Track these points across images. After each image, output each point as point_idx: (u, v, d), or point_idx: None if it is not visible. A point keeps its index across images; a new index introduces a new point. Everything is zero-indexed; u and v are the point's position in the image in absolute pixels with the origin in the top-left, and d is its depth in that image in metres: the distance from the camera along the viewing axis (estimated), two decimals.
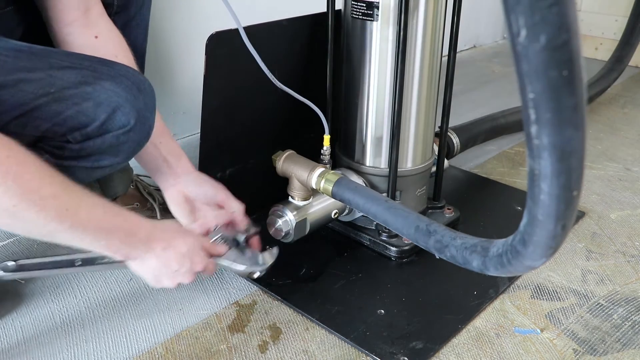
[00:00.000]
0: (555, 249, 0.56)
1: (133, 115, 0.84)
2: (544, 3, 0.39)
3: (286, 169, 1.08)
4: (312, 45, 1.21)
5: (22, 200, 0.67)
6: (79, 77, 0.81)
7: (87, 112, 0.81)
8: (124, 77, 0.84)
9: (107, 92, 0.82)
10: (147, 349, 0.94)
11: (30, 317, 1.00)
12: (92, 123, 0.81)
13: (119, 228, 0.79)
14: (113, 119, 0.82)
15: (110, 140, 0.84)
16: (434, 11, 1.05)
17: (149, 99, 0.87)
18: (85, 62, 0.84)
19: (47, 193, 0.70)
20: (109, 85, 0.82)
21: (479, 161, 1.62)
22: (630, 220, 1.34)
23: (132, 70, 0.87)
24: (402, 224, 0.85)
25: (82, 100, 0.80)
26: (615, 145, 1.76)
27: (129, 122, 0.84)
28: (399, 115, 1.08)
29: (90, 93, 0.81)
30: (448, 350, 0.95)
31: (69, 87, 0.80)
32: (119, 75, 0.84)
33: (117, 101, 0.82)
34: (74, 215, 0.72)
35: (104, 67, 0.84)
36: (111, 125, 0.82)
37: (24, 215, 0.68)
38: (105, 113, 0.81)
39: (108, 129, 0.83)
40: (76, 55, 0.86)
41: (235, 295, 1.07)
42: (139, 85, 0.86)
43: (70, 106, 0.80)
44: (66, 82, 0.80)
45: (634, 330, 1.00)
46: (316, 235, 1.18)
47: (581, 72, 0.42)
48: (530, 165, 0.49)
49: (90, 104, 0.80)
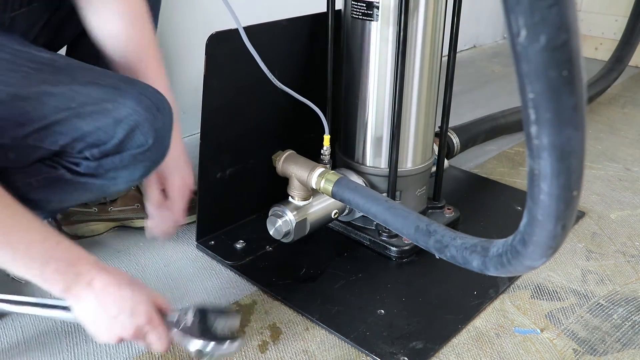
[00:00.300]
0: (555, 249, 0.56)
1: (151, 135, 0.83)
2: (544, 3, 0.39)
3: (286, 169, 1.08)
4: (312, 45, 1.21)
5: None
6: (100, 93, 0.81)
7: (106, 129, 0.80)
8: (145, 96, 0.83)
9: (127, 110, 0.81)
10: (147, 349, 0.94)
11: (30, 317, 1.00)
12: (110, 140, 0.80)
13: (57, 258, 0.72)
14: (132, 138, 0.81)
15: (128, 158, 0.83)
16: (434, 11, 1.05)
17: (168, 119, 0.86)
18: (108, 79, 0.83)
19: None
20: (129, 103, 0.81)
21: (479, 161, 1.62)
22: (630, 220, 1.34)
23: (152, 88, 0.86)
24: (402, 224, 0.85)
25: (102, 116, 0.79)
26: (615, 145, 1.76)
27: (147, 141, 0.83)
28: (399, 115, 1.08)
29: (111, 110, 0.80)
30: (448, 350, 0.95)
31: (90, 102, 0.80)
32: (140, 94, 0.83)
33: (136, 120, 0.81)
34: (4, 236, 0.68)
35: (126, 85, 0.84)
36: (129, 144, 0.82)
37: None
38: (124, 131, 0.81)
39: (126, 147, 0.82)
40: (99, 72, 0.86)
41: (235, 295, 1.07)
42: (158, 104, 0.85)
43: (89, 122, 0.79)
44: (88, 97, 0.80)
45: (634, 330, 1.00)
46: (316, 235, 1.18)
47: (581, 72, 0.42)
48: (530, 165, 0.49)
49: (110, 121, 0.80)
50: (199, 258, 1.17)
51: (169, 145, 0.88)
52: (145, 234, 1.07)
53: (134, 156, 0.83)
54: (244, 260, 1.14)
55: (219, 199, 1.18)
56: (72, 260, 0.74)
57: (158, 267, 1.14)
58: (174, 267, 1.14)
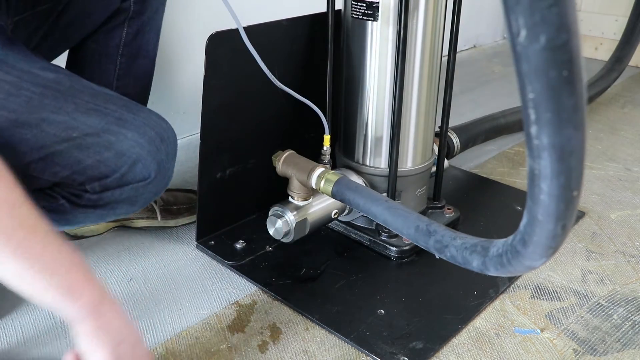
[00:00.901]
0: (555, 249, 0.56)
1: (154, 168, 0.82)
2: (544, 3, 0.39)
3: (286, 169, 1.08)
4: (312, 45, 1.21)
5: None
6: (102, 123, 0.79)
7: (108, 163, 0.79)
8: (148, 126, 0.82)
9: (130, 143, 0.79)
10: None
11: (30, 317, 1.00)
12: (112, 174, 0.79)
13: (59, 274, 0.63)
14: (133, 171, 0.80)
15: (129, 192, 0.82)
16: (434, 11, 1.05)
17: (171, 149, 0.85)
18: (111, 107, 0.81)
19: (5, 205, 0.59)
20: (131, 135, 0.80)
21: (479, 161, 1.62)
22: (630, 220, 1.34)
23: (155, 117, 0.85)
24: (402, 224, 0.85)
25: (104, 149, 0.78)
26: (615, 145, 1.76)
27: (149, 174, 0.82)
28: (399, 115, 1.08)
29: (113, 143, 0.78)
30: (448, 350, 0.95)
31: (91, 133, 0.78)
32: (142, 125, 0.82)
33: (138, 153, 0.80)
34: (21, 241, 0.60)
35: (129, 114, 0.82)
36: (131, 177, 0.81)
37: None
38: (126, 165, 0.80)
39: (128, 180, 0.81)
40: (102, 97, 0.83)
41: (235, 295, 1.07)
42: (162, 135, 0.84)
43: (91, 155, 0.77)
44: (89, 128, 0.78)
45: (634, 330, 1.00)
46: (316, 235, 1.18)
47: (581, 72, 0.42)
48: (530, 165, 0.49)
49: (112, 154, 0.79)
50: (199, 258, 1.17)
51: (171, 175, 0.87)
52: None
53: (135, 189, 0.82)
54: (244, 260, 1.14)
55: (219, 199, 1.18)
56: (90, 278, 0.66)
57: (158, 267, 1.15)
58: (174, 267, 1.14)
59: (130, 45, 1.12)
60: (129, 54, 1.13)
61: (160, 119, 0.86)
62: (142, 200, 0.85)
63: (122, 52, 1.12)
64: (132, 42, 1.12)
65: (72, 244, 0.71)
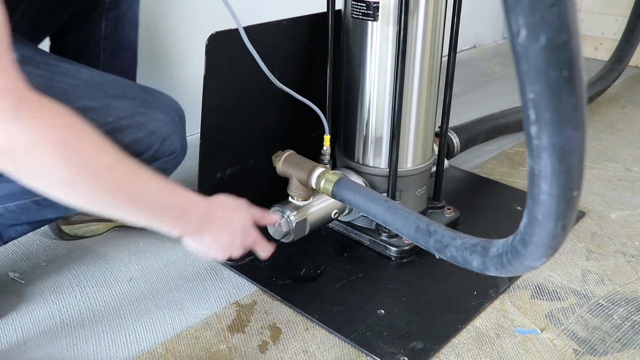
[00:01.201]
0: (555, 249, 0.56)
1: (178, 143, 0.92)
2: (544, 3, 0.39)
3: (286, 169, 1.08)
4: (312, 45, 1.21)
5: (79, 171, 0.65)
6: (132, 106, 0.86)
7: (142, 141, 0.86)
8: (169, 107, 0.92)
9: (158, 122, 0.88)
10: (147, 349, 0.94)
11: (30, 317, 1.00)
12: (147, 152, 0.87)
13: (174, 205, 0.77)
14: (163, 147, 0.89)
15: (159, 165, 0.89)
16: (434, 11, 1.05)
17: (185, 125, 0.96)
18: (132, 91, 0.90)
19: (104, 164, 0.68)
20: (158, 115, 0.88)
21: (479, 161, 1.62)
22: (630, 220, 1.34)
23: (169, 98, 0.94)
24: (402, 224, 0.85)
25: (138, 130, 0.85)
26: (615, 145, 1.76)
27: (175, 149, 0.92)
28: (399, 115, 1.08)
29: (144, 123, 0.86)
30: (448, 350, 0.95)
31: (125, 116, 0.85)
32: (164, 105, 0.91)
33: (166, 131, 0.89)
34: (129, 189, 0.71)
35: (149, 96, 0.91)
36: (161, 153, 0.89)
37: (79, 187, 0.66)
38: (157, 142, 0.88)
39: (159, 156, 0.89)
40: (121, 83, 0.91)
41: (235, 295, 1.07)
42: (179, 113, 0.94)
43: (127, 135, 0.84)
44: (122, 111, 0.85)
45: (634, 330, 1.00)
46: (316, 235, 1.18)
47: (581, 72, 0.42)
48: (530, 165, 0.49)
49: (145, 134, 0.86)
50: (199, 258, 1.17)
51: (187, 148, 0.98)
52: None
53: (164, 163, 0.91)
54: (244, 260, 1.14)
55: None
56: (188, 206, 0.79)
57: (158, 267, 1.14)
58: (174, 267, 1.14)
59: (111, 38, 1.13)
60: (111, 46, 1.14)
61: (172, 99, 0.94)
62: (168, 173, 0.94)
63: (104, 46, 1.13)
64: (113, 34, 1.13)
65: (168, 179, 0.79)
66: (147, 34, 1.57)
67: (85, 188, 0.67)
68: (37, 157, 0.63)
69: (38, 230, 1.22)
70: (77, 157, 0.65)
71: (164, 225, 0.78)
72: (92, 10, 1.09)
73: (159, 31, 1.61)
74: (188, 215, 0.80)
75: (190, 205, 0.80)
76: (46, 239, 1.22)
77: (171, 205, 0.77)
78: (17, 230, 0.96)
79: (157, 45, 1.62)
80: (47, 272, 1.12)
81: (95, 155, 0.67)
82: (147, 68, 1.52)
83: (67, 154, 0.64)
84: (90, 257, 1.17)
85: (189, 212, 0.80)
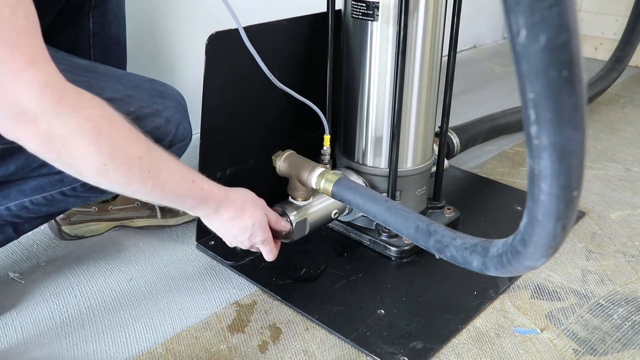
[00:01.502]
0: (555, 249, 0.56)
1: (189, 129, 0.98)
2: (544, 3, 0.39)
3: (286, 169, 1.08)
4: (312, 45, 1.21)
5: (112, 159, 0.70)
6: (147, 96, 0.92)
7: (162, 128, 0.92)
8: (177, 95, 0.97)
9: (172, 110, 0.94)
10: (147, 349, 0.94)
11: (30, 317, 1.00)
12: (165, 138, 0.92)
13: (193, 195, 0.84)
14: (177, 134, 0.95)
15: (174, 151, 0.94)
16: (434, 11, 1.05)
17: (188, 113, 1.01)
18: (143, 82, 0.94)
19: (134, 153, 0.73)
20: (171, 103, 0.94)
21: (479, 161, 1.62)
22: (630, 220, 1.34)
23: (173, 87, 0.99)
24: (402, 224, 0.85)
25: (156, 117, 0.91)
26: (615, 145, 1.76)
27: (188, 135, 0.98)
28: (399, 115, 1.08)
29: (161, 111, 0.92)
30: (448, 350, 0.95)
31: (144, 106, 0.90)
32: (172, 94, 0.96)
33: (178, 118, 0.95)
34: (155, 178, 0.76)
35: (160, 86, 0.96)
36: (176, 139, 0.95)
37: (111, 175, 0.71)
38: (174, 129, 0.94)
39: (174, 142, 0.95)
40: (130, 75, 0.96)
41: (235, 295, 1.07)
42: (184, 101, 0.99)
43: (148, 123, 0.89)
44: (140, 101, 0.90)
45: (634, 330, 1.00)
46: (316, 235, 1.18)
47: (581, 72, 0.42)
48: (530, 165, 0.49)
49: (163, 121, 0.92)
50: (199, 258, 1.17)
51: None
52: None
53: (178, 148, 0.96)
54: (244, 260, 1.14)
55: None
56: (205, 197, 0.86)
57: (158, 267, 1.15)
58: (174, 267, 1.14)
59: (100, 36, 1.13)
60: (101, 44, 1.14)
61: (174, 89, 0.99)
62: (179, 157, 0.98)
63: (93, 44, 1.13)
64: (101, 32, 1.13)
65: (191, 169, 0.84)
66: (147, 34, 1.57)
67: (116, 175, 0.72)
68: (76, 147, 0.68)
69: (38, 230, 1.22)
70: (111, 147, 0.70)
71: (182, 208, 0.87)
72: (78, 8, 1.09)
73: (159, 31, 1.61)
74: (204, 205, 0.87)
75: (207, 197, 0.86)
76: (46, 239, 1.22)
77: (189, 195, 0.83)
78: (32, 224, 0.99)
79: (157, 45, 1.62)
80: (47, 272, 1.12)
81: (127, 145, 0.72)
82: (147, 68, 1.52)
83: (102, 143, 0.69)
84: (90, 257, 1.17)
85: (205, 202, 0.86)
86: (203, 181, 0.85)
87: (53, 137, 0.66)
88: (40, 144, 0.67)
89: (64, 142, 0.67)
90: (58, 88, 0.65)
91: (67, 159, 0.69)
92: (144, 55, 1.56)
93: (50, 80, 0.65)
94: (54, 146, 0.67)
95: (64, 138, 0.67)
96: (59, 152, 0.68)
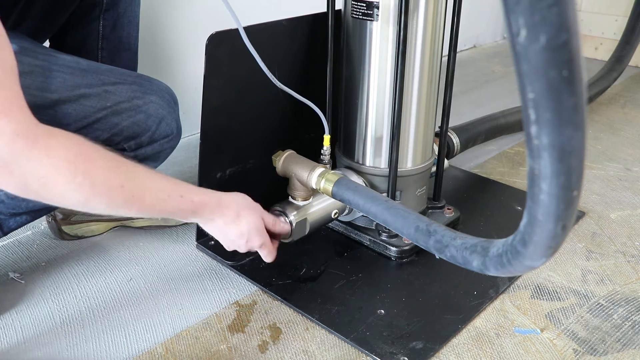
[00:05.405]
0: (555, 249, 0.56)
1: (174, 126, 0.98)
2: (544, 3, 0.39)
3: (286, 169, 1.08)
4: (312, 45, 1.21)
5: (93, 194, 0.72)
6: (129, 91, 0.92)
7: (140, 124, 0.92)
8: (164, 91, 0.97)
9: (154, 106, 0.94)
10: (147, 349, 0.94)
11: (30, 317, 1.00)
12: (144, 133, 0.93)
13: (183, 209, 0.85)
14: (160, 129, 0.95)
15: (157, 148, 0.95)
16: (434, 11, 1.05)
17: (178, 110, 1.01)
18: (128, 77, 0.94)
19: (115, 183, 0.74)
20: (154, 99, 0.94)
21: (479, 161, 1.62)
22: (630, 220, 1.34)
23: (163, 84, 0.99)
24: (402, 224, 0.85)
25: (135, 112, 0.91)
26: (615, 145, 1.76)
27: (172, 131, 0.97)
28: (399, 115, 1.08)
29: (141, 106, 0.92)
30: (448, 350, 0.95)
31: (122, 101, 0.91)
32: (159, 90, 0.96)
33: (162, 113, 0.95)
34: (140, 201, 0.78)
35: (145, 82, 0.95)
36: (158, 135, 0.95)
37: (95, 205, 0.74)
38: (154, 124, 0.94)
39: (156, 138, 0.95)
40: (117, 71, 0.96)
41: (235, 295, 1.07)
42: (174, 98, 0.99)
43: (125, 118, 0.90)
44: (119, 96, 0.91)
45: (634, 330, 1.00)
46: (316, 235, 1.18)
47: (581, 72, 0.42)
48: (530, 165, 0.49)
49: (142, 116, 0.92)
50: (199, 258, 1.17)
51: (182, 131, 1.03)
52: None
53: (161, 145, 0.96)
54: (244, 260, 1.14)
55: None
56: (196, 209, 0.86)
57: (158, 267, 1.15)
58: (174, 267, 1.14)
59: (109, 39, 1.13)
60: (110, 47, 1.14)
61: (166, 85, 0.99)
62: (164, 155, 1.00)
63: (102, 46, 1.13)
64: (111, 35, 1.13)
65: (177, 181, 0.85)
66: (147, 34, 1.57)
67: (101, 205, 0.75)
68: (54, 187, 0.70)
69: (38, 230, 1.23)
70: (91, 182, 0.72)
71: (177, 219, 0.90)
72: (89, 10, 1.10)
73: (159, 31, 1.61)
74: (196, 215, 0.88)
75: (198, 209, 0.87)
76: (46, 239, 1.22)
77: (182, 208, 0.84)
78: (17, 220, 0.99)
79: (157, 45, 1.62)
80: (47, 272, 1.12)
81: (107, 177, 0.74)
82: (147, 68, 1.52)
83: (79, 181, 0.71)
84: (91, 258, 1.17)
85: (197, 213, 0.87)
86: (193, 193, 0.86)
87: (28, 181, 0.68)
88: (16, 188, 0.70)
89: (42, 184, 0.69)
90: (30, 134, 0.67)
91: (49, 197, 0.72)
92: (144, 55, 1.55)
93: (22, 128, 0.67)
94: (31, 188, 0.69)
95: (40, 180, 0.69)
96: (38, 193, 0.70)
